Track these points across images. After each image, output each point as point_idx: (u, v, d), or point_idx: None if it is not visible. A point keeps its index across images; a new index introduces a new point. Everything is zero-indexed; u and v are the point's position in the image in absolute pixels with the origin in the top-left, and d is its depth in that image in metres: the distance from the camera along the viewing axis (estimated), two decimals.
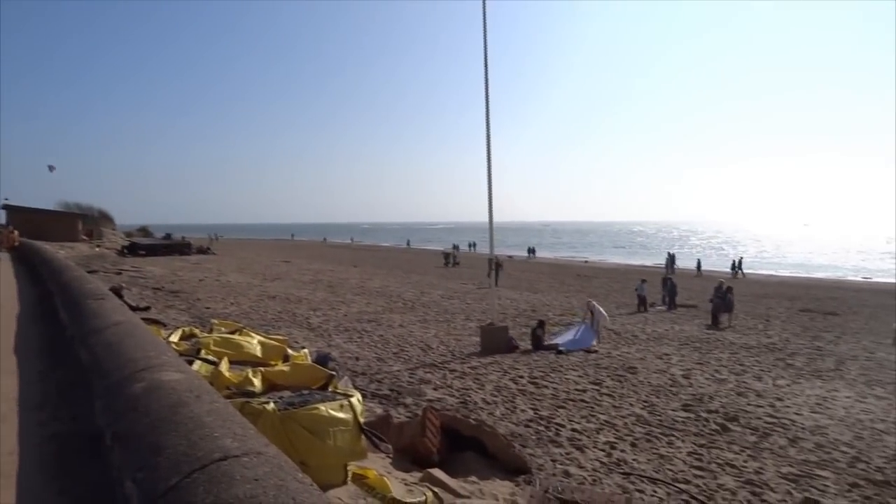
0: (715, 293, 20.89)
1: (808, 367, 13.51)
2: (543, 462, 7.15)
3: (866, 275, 50.21)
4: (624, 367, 12.71)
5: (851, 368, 13.59)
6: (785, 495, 6.66)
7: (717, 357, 14.31)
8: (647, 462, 7.48)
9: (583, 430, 8.57)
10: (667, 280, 25.79)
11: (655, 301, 24.58)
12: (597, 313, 15.85)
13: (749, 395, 10.82)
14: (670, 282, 25.32)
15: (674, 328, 18.80)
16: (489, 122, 14.97)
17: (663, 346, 15.46)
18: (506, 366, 12.63)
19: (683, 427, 8.94)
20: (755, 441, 8.44)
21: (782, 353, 15.10)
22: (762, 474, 7.26)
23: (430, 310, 21.25)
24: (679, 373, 12.41)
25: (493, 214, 15.49)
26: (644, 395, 10.58)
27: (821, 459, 7.85)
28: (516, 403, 9.77)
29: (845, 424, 9.33)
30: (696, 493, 6.56)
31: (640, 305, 23.18)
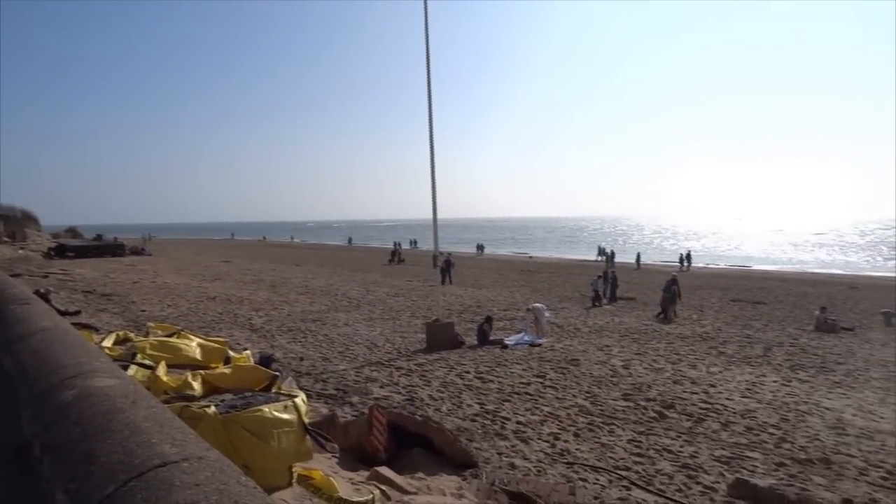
0: (665, 286, 21.29)
1: (738, 355, 14.18)
2: (490, 455, 7.25)
3: (791, 266, 53.05)
4: (567, 360, 13.01)
5: (778, 354, 14.35)
6: (718, 477, 6.99)
7: (655, 347, 14.83)
8: (590, 451, 7.69)
9: (527, 422, 8.73)
10: (607, 274, 26.50)
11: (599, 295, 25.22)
12: (540, 317, 15.94)
13: (685, 383, 11.28)
14: (611, 275, 26.04)
15: (614, 320, 19.35)
16: (431, 120, 15.02)
17: (604, 339, 15.90)
18: (452, 361, 12.71)
19: (623, 416, 9.24)
20: (690, 426, 8.81)
21: (715, 342, 15.80)
22: (697, 458, 7.59)
23: (376, 308, 21.14)
24: (619, 363, 12.80)
25: (436, 211, 15.53)
26: (586, 386, 10.87)
27: (750, 441, 8.26)
28: (463, 398, 9.86)
29: (772, 407, 9.85)
30: (636, 479, 6.80)
31: (595, 300, 23.51)
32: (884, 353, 14.64)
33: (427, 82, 15.01)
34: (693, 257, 47.47)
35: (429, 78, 15.03)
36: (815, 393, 10.90)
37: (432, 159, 15.15)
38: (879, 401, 10.48)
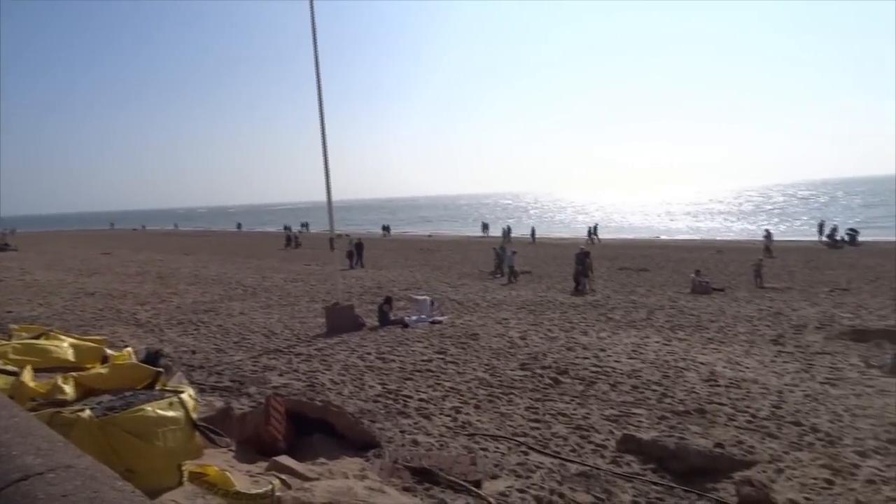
0: (577, 259, 21.74)
1: (625, 319, 15.12)
2: (393, 434, 7.30)
3: (671, 234, 57.06)
4: (467, 335, 13.30)
5: (659, 317, 15.44)
6: (608, 434, 7.45)
7: (550, 317, 15.49)
8: (490, 421, 7.94)
9: (430, 398, 8.86)
10: (502, 249, 27.26)
11: (496, 270, 25.91)
12: (423, 310, 15.52)
13: (577, 349, 11.88)
14: (507, 250, 26.83)
15: (511, 294, 19.97)
16: (321, 101, 14.59)
17: (502, 312, 16.39)
18: (353, 344, 12.62)
19: (521, 385, 9.60)
20: (583, 390, 9.31)
21: (604, 309, 16.74)
22: (589, 419, 8.04)
23: (273, 294, 20.52)
24: (517, 335, 13.26)
25: (331, 192, 15.22)
26: (486, 359, 11.17)
27: (636, 399, 8.86)
28: (364, 380, 9.83)
29: (655, 366, 10.61)
30: (534, 444, 7.11)
31: (511, 276, 23.83)
32: (748, 310, 16.16)
33: (315, 59, 14.56)
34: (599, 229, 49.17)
35: (316, 55, 14.58)
36: (691, 350, 11.85)
37: (324, 142, 14.78)
38: (745, 352, 11.58)
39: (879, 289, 19.80)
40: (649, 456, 6.67)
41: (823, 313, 15.45)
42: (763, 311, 16.01)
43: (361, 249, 31.56)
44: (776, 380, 9.75)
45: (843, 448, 7.01)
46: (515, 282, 23.00)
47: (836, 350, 11.70)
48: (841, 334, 12.93)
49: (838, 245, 37.50)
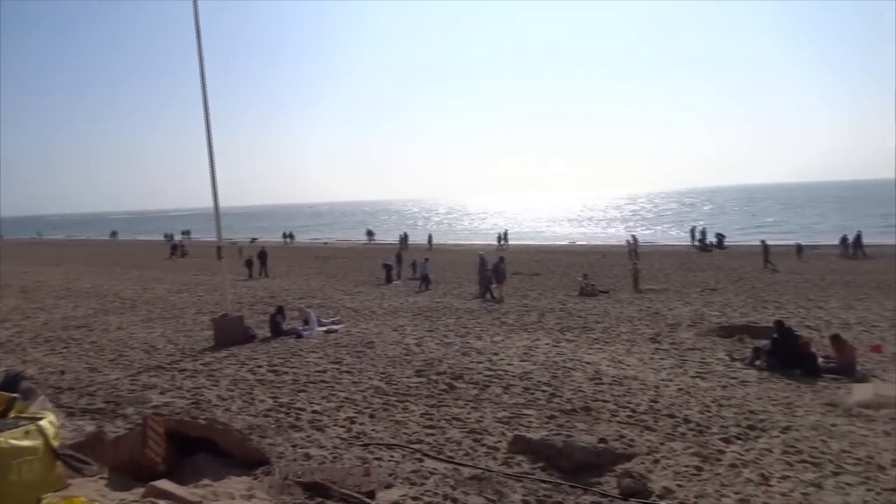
0: (481, 266, 21.70)
1: (517, 323, 15.60)
2: (284, 449, 7.07)
3: (561, 239, 59.61)
4: (363, 343, 13.17)
5: (550, 320, 16.07)
6: (500, 436, 7.63)
7: (446, 323, 15.67)
8: (385, 430, 7.89)
9: (323, 410, 8.68)
10: (399, 255, 27.33)
11: (387, 277, 25.87)
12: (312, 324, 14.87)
13: (472, 354, 12.09)
14: (400, 256, 26.95)
15: (408, 300, 20.02)
16: (207, 103, 13.94)
17: (399, 319, 16.38)
18: (243, 357, 12.11)
19: (417, 391, 9.63)
20: (477, 394, 9.49)
21: (498, 313, 17.17)
22: (482, 422, 8.20)
23: (156, 307, 19.29)
24: (413, 342, 13.30)
25: (218, 199, 14.54)
26: (381, 367, 11.11)
27: (527, 400, 9.15)
28: (254, 394, 9.46)
29: (545, 367, 11.01)
30: (428, 450, 7.14)
31: (423, 283, 23.62)
32: (630, 311, 17.19)
33: (199, 60, 13.88)
34: (486, 236, 50.47)
35: (200, 55, 13.91)
36: (579, 350, 12.42)
37: (210, 146, 14.11)
38: (626, 351, 12.30)
39: (742, 288, 21.77)
40: (539, 455, 6.90)
41: (695, 312, 16.74)
42: (643, 311, 17.10)
43: (265, 258, 30.45)
44: (653, 375, 10.44)
45: (710, 436, 7.60)
46: (428, 289, 22.93)
47: (705, 346, 12.69)
48: (709, 331, 14.06)
49: (708, 248, 40.84)
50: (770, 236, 46.22)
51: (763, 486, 6.16)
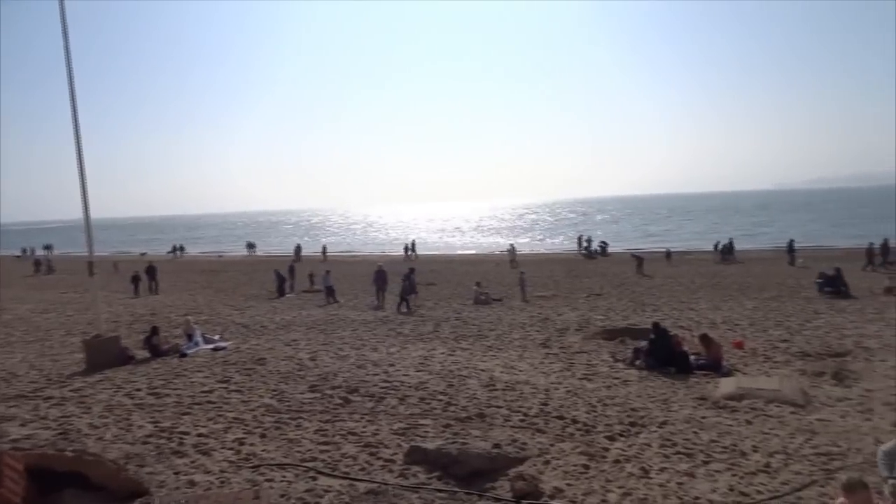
0: (377, 277, 21.52)
1: (413, 333, 15.63)
2: (165, 478, 6.62)
3: (456, 248, 60.60)
4: (253, 360, 12.64)
5: (445, 329, 16.25)
6: (396, 448, 7.59)
7: (341, 336, 15.41)
8: (277, 449, 7.61)
9: (210, 432, 8.23)
10: (292, 268, 26.61)
11: (279, 290, 25.10)
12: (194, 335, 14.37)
13: (367, 366, 11.96)
14: (293, 268, 26.28)
15: (301, 314, 19.50)
16: (76, 108, 12.90)
17: (292, 333, 15.90)
18: (119, 380, 11.24)
19: (311, 407, 9.37)
20: (373, 406, 9.38)
21: (394, 324, 17.13)
22: (378, 434, 8.12)
23: (16, 329, 17.49)
24: (306, 356, 12.95)
25: (88, 210, 13.46)
26: (273, 384, 10.72)
27: (423, 410, 9.17)
28: (132, 420, 8.80)
29: (441, 376, 11.10)
30: (322, 468, 6.97)
31: (328, 296, 22.89)
32: (522, 318, 17.76)
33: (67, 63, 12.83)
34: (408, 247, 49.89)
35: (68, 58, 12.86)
36: (473, 358, 12.64)
37: (79, 153, 13.05)
38: (518, 357, 12.68)
39: (623, 293, 23.15)
40: (435, 464, 6.93)
41: (582, 317, 17.58)
42: (534, 317, 17.71)
43: (154, 273, 28.45)
44: (544, 379, 10.83)
45: (596, 435, 7.99)
46: (336, 301, 22.33)
47: (591, 349, 13.35)
48: (595, 334, 14.81)
49: (593, 256, 43.11)
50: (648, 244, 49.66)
51: (644, 479, 6.55)
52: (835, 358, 11.81)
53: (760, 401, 9.06)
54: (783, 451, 7.22)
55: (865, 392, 9.54)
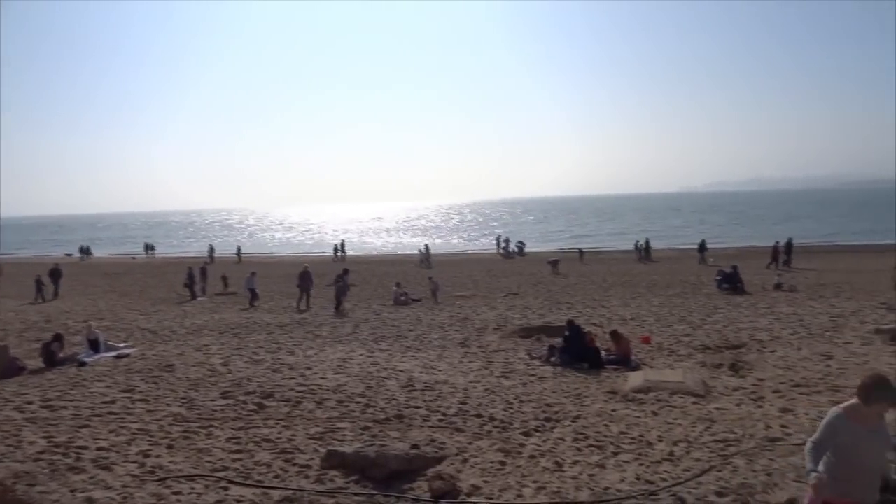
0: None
1: (332, 335, 15.39)
2: (60, 496, 6.15)
3: (376, 249, 60.19)
4: (160, 367, 12.01)
5: (364, 330, 16.10)
6: (313, 453, 7.42)
7: (256, 339, 14.94)
8: (186, 460, 7.26)
9: (111, 445, 7.73)
10: (204, 269, 25.56)
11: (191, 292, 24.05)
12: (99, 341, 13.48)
13: (283, 370, 11.65)
14: (205, 270, 25.27)
15: (214, 317, 18.75)
16: None
17: (203, 338, 15.26)
18: (7, 394, 10.35)
19: (223, 415, 9.01)
20: (288, 411, 9.14)
21: (311, 326, 16.80)
22: (294, 440, 7.92)
23: None
24: (218, 362, 12.45)
25: None
26: (182, 392, 10.23)
27: (341, 413, 9.04)
28: (22, 436, 8.12)
29: (359, 378, 10.98)
30: (234, 477, 6.71)
31: (252, 300, 21.88)
32: (441, 318, 17.88)
33: None
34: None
35: None
36: (392, 359, 12.59)
37: None
38: (438, 357, 12.76)
39: (539, 292, 23.79)
40: (353, 468, 6.83)
41: (500, 316, 17.91)
42: (453, 317, 17.88)
43: (59, 277, 26.40)
44: (463, 378, 10.94)
45: (513, 431, 8.15)
46: (258, 306, 21.41)
47: (508, 347, 13.62)
48: (512, 333, 15.13)
49: (511, 256, 44.06)
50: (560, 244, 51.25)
51: (557, 473, 6.74)
52: (731, 350, 12.66)
53: (665, 392, 9.54)
54: (685, 439, 7.64)
55: (758, 381, 10.27)
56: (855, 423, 3.77)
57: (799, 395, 9.40)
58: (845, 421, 3.79)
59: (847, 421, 3.79)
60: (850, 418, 3.79)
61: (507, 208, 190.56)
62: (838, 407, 3.92)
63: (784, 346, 12.87)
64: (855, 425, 3.77)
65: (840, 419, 3.82)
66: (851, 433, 3.77)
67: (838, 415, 3.84)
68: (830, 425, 3.85)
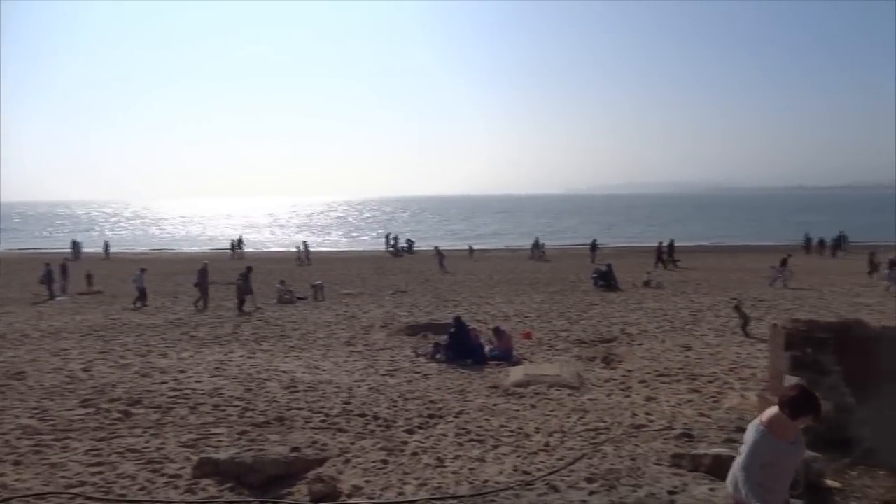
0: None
1: (209, 336, 14.62)
2: None
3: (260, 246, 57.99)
4: (7, 375, 10.81)
5: (245, 330, 15.45)
6: (184, 462, 7.00)
7: (123, 342, 13.86)
8: (36, 477, 6.58)
9: None
10: (64, 266, 23.42)
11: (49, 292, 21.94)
12: None
13: (154, 375, 10.90)
14: (65, 267, 23.19)
15: (75, 319, 17.20)
16: None
17: (61, 342, 13.93)
18: None
19: (82, 425, 8.28)
20: (158, 419, 8.56)
21: (187, 327, 15.86)
22: (164, 449, 7.42)
23: None
24: (79, 367, 11.43)
25: None
26: (34, 402, 9.28)
27: (217, 419, 8.60)
28: None
29: (238, 381, 10.51)
30: (93, 492, 6.19)
31: (140, 299, 19.83)
32: (327, 316, 17.54)
33: None
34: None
35: None
36: (274, 360, 12.17)
37: None
38: (322, 356, 12.50)
39: (427, 289, 24.02)
40: (227, 475, 6.52)
41: (387, 313, 17.86)
42: (339, 315, 17.60)
43: None
44: (347, 378, 10.79)
45: (396, 430, 8.15)
46: (145, 306, 19.63)
47: (395, 345, 13.61)
48: (399, 331, 15.15)
49: (400, 253, 44.11)
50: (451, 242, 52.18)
51: (439, 468, 6.82)
52: (604, 344, 13.48)
53: (543, 386, 9.95)
54: (560, 430, 8.01)
55: (626, 372, 10.99)
56: (778, 439, 3.65)
57: (662, 384, 10.18)
58: (770, 437, 3.65)
59: (771, 437, 3.65)
60: (774, 433, 3.65)
61: (416, 205, 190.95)
62: (759, 423, 3.73)
63: (650, 339, 13.88)
64: (778, 441, 3.65)
65: (765, 437, 3.66)
66: (775, 450, 3.65)
67: (763, 432, 3.68)
68: (757, 445, 3.67)
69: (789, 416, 3.62)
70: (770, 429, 3.64)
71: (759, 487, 3.61)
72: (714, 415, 8.48)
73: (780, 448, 3.64)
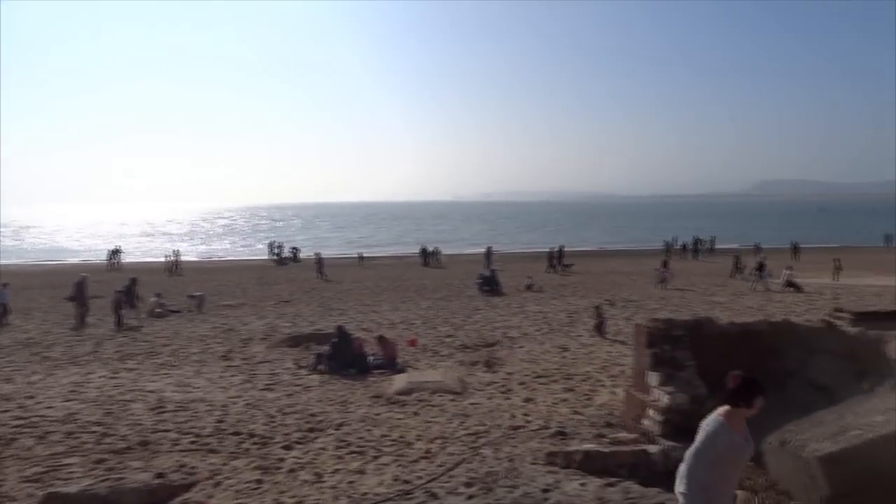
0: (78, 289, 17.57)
1: (66, 356, 13.30)
2: None
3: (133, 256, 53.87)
4: None
5: (108, 347, 14.22)
6: (27, 499, 6.28)
7: None
8: None
9: None
10: None
11: None
12: None
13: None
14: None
15: None
16: None
17: None
18: None
19: None
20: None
21: (40, 347, 14.34)
22: (2, 486, 6.62)
23: None
24: None
25: None
26: None
27: (70, 447, 7.80)
28: None
29: (97, 404, 9.61)
30: None
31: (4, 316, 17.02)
32: (203, 329, 16.55)
33: None
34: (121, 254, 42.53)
35: None
36: (140, 379, 11.28)
37: None
38: (195, 372, 11.75)
39: (313, 298, 23.40)
40: None
41: (268, 325, 17.16)
42: (217, 328, 16.67)
43: None
44: (222, 394, 10.21)
45: (273, 446, 7.81)
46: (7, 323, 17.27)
47: (275, 357, 13.08)
48: (280, 342, 14.59)
49: (285, 262, 42.73)
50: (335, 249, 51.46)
51: (317, 484, 6.61)
52: (487, 347, 13.76)
53: (427, 392, 9.98)
54: (441, 436, 8.05)
55: (507, 375, 11.29)
56: (735, 434, 3.58)
57: (540, 384, 10.55)
58: (728, 430, 3.58)
59: (730, 430, 3.58)
60: (732, 427, 3.59)
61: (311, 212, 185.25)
62: (718, 415, 3.66)
63: (530, 341, 14.37)
64: (735, 436, 3.59)
65: (724, 428, 3.58)
66: (731, 442, 3.58)
67: (722, 423, 3.61)
68: (716, 435, 3.60)
69: (744, 405, 3.58)
70: (728, 421, 3.59)
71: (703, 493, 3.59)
72: (586, 412, 8.89)
73: (736, 442, 3.58)
